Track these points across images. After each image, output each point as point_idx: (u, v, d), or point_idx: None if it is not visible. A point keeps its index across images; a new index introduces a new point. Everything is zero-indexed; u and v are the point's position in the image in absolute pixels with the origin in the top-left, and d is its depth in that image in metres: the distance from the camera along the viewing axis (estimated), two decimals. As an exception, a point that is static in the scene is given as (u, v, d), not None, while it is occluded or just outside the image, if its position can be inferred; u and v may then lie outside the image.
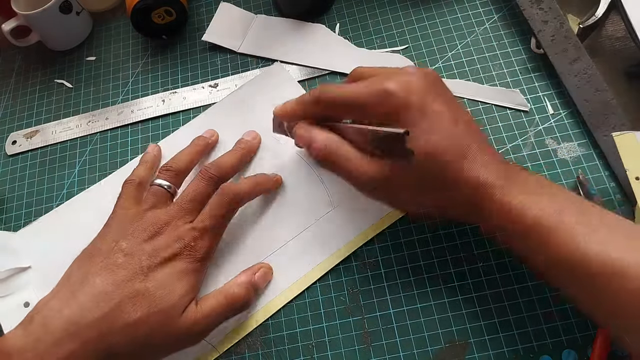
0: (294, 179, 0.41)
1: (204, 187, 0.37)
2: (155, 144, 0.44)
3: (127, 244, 0.34)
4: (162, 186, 0.38)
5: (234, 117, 0.45)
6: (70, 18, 0.51)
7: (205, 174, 0.38)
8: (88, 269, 0.34)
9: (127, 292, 0.32)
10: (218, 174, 0.38)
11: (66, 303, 0.32)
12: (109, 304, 0.32)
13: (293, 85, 0.45)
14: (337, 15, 0.49)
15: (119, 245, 0.34)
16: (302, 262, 0.38)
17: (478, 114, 0.41)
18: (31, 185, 0.47)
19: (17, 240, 0.43)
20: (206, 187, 0.37)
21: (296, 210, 0.40)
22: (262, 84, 0.46)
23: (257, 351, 0.36)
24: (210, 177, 0.37)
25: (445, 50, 0.45)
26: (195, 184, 0.37)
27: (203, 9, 0.53)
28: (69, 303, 0.32)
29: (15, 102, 0.52)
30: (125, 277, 0.33)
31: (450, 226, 0.38)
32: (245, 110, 0.45)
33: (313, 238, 0.39)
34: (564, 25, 0.41)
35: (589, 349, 0.33)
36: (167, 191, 0.38)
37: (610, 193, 0.37)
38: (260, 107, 0.45)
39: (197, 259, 0.35)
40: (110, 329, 0.31)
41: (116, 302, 0.32)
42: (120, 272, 0.33)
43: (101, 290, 0.32)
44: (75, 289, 0.33)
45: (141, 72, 0.51)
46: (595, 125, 0.38)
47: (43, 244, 0.43)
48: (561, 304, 0.34)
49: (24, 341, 0.31)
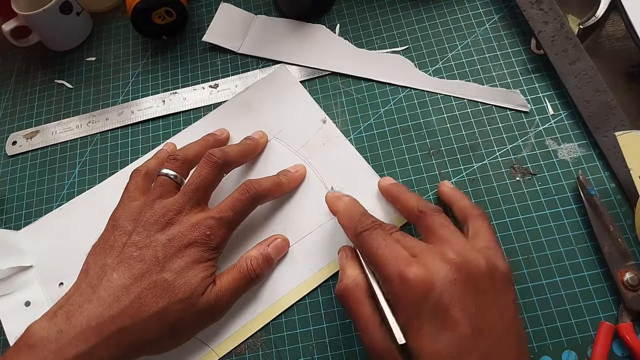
0: (299, 184, 0.41)
1: (208, 172, 0.37)
2: (170, 142, 0.45)
3: (140, 237, 0.35)
4: (168, 175, 0.37)
5: (239, 120, 0.45)
6: (70, 18, 0.51)
7: (209, 157, 0.37)
8: (105, 262, 0.34)
9: (145, 285, 0.33)
10: (223, 158, 0.37)
11: (87, 298, 0.33)
12: (129, 297, 0.32)
13: (298, 89, 0.45)
14: (338, 15, 0.49)
15: (132, 240, 0.34)
16: (304, 267, 0.38)
17: (478, 115, 0.41)
18: (31, 185, 0.47)
19: (19, 239, 0.43)
20: (210, 172, 0.37)
21: (300, 215, 0.40)
22: (267, 86, 0.46)
23: (258, 352, 0.36)
24: (215, 162, 0.37)
25: (446, 51, 0.45)
26: (200, 169, 0.37)
27: (203, 9, 0.53)
28: (90, 298, 0.33)
29: (15, 102, 0.52)
30: (141, 269, 0.33)
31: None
32: (251, 113, 0.45)
33: (315, 244, 0.38)
34: (564, 25, 0.41)
35: (589, 350, 0.33)
36: (174, 180, 0.37)
37: (611, 194, 0.37)
38: (266, 110, 0.45)
39: (211, 247, 0.35)
40: (133, 322, 0.32)
41: (135, 295, 0.32)
42: (137, 265, 0.33)
43: (120, 285, 0.33)
44: (94, 283, 0.33)
45: (141, 72, 0.51)
46: (596, 126, 0.38)
47: (46, 243, 0.43)
48: (561, 305, 0.34)
49: (47, 332, 0.31)
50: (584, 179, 0.37)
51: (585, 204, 0.36)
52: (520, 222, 0.37)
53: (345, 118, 0.44)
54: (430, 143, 0.41)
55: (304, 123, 0.43)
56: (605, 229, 0.35)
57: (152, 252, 0.34)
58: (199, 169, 0.37)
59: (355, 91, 0.45)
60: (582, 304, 0.34)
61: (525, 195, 0.38)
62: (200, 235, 0.35)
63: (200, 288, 0.34)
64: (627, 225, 0.36)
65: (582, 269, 0.35)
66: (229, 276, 0.36)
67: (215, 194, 0.38)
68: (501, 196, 0.38)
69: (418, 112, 0.42)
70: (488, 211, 0.38)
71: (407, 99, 0.43)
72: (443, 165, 0.40)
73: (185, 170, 0.39)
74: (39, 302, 0.40)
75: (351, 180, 0.40)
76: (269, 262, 0.37)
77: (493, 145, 0.40)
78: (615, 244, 0.34)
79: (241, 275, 0.36)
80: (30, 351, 0.31)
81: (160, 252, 0.34)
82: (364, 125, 0.43)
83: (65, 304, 0.33)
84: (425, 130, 0.42)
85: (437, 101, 0.43)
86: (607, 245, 0.34)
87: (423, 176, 0.40)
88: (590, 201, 0.36)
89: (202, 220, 0.35)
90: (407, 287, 0.27)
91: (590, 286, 0.34)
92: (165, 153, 0.42)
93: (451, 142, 0.41)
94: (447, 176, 0.39)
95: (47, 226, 0.44)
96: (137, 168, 0.39)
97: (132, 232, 0.35)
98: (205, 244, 0.35)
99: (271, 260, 0.37)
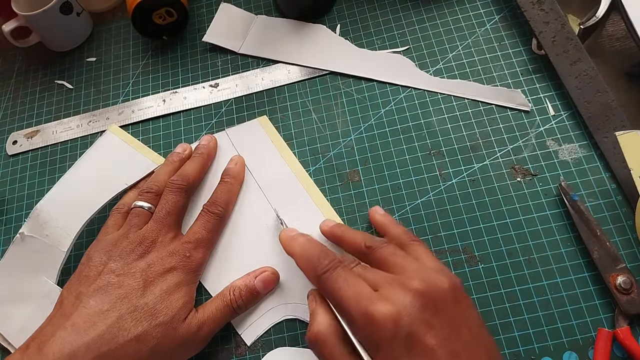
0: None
1: (175, 197, 0.38)
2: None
3: (117, 264, 0.35)
4: (143, 207, 0.38)
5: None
6: (70, 19, 0.51)
7: (172, 186, 0.39)
8: (80, 291, 0.34)
9: (125, 309, 0.32)
10: (186, 183, 0.39)
11: (60, 326, 0.32)
12: (106, 322, 0.32)
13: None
14: (338, 15, 0.49)
15: (109, 267, 0.35)
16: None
17: (479, 115, 0.41)
18: (32, 185, 0.47)
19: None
20: (177, 198, 0.38)
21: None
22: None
23: (258, 352, 0.36)
24: (178, 188, 0.39)
25: (447, 51, 0.45)
26: (166, 196, 0.38)
27: (203, 9, 0.53)
28: (64, 326, 0.32)
29: (15, 102, 0.52)
30: (121, 295, 0.33)
31: (451, 228, 0.38)
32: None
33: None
34: (565, 26, 0.41)
35: (590, 351, 0.33)
36: (148, 212, 0.38)
37: (612, 194, 0.37)
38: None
39: (192, 269, 0.36)
40: (110, 347, 0.31)
41: (114, 320, 0.32)
42: (116, 291, 0.33)
43: (97, 310, 0.32)
44: (69, 311, 0.33)
45: (141, 72, 0.51)
46: (596, 127, 0.38)
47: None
48: (562, 306, 0.34)
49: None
50: (566, 185, 0.37)
51: (570, 210, 0.36)
52: (521, 222, 0.37)
53: (346, 118, 0.44)
54: (431, 143, 0.41)
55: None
56: (593, 234, 0.35)
57: (131, 278, 0.34)
58: (166, 196, 0.38)
59: (356, 91, 0.45)
60: (583, 304, 0.34)
61: (526, 196, 0.38)
62: (180, 259, 0.35)
63: (183, 313, 0.34)
64: (627, 226, 0.36)
65: (583, 270, 0.35)
66: (212, 305, 0.35)
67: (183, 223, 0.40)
68: (502, 197, 0.38)
69: (419, 112, 0.42)
70: (489, 212, 0.38)
71: (407, 99, 0.43)
72: (444, 166, 0.40)
73: (158, 201, 0.39)
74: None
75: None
76: (254, 295, 0.36)
77: (494, 145, 0.40)
78: (603, 248, 0.34)
79: (224, 304, 0.35)
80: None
81: (140, 278, 0.34)
82: (365, 125, 0.43)
83: (38, 336, 0.32)
84: (426, 131, 0.42)
85: (437, 101, 0.43)
86: (596, 250, 0.34)
87: (424, 177, 0.40)
88: (574, 207, 0.36)
89: (179, 246, 0.36)
90: (376, 326, 0.26)
91: (592, 287, 0.34)
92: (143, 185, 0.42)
93: (452, 143, 0.41)
94: (448, 176, 0.39)
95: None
96: (117, 205, 0.40)
97: (107, 261, 0.35)
98: (186, 267, 0.35)
99: (256, 294, 0.36)
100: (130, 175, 0.43)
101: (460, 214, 0.38)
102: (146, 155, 0.44)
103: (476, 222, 0.38)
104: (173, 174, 0.40)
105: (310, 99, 0.45)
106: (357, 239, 0.33)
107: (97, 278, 0.34)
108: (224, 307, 0.35)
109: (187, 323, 0.34)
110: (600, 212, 0.36)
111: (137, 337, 0.32)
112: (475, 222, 0.38)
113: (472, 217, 0.38)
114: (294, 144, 0.43)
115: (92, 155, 0.45)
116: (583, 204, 0.36)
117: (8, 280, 0.40)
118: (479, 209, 0.38)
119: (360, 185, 0.41)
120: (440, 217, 0.38)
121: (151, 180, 0.40)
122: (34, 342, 0.32)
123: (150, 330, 0.32)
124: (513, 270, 0.36)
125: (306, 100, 0.45)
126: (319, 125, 0.44)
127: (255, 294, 0.36)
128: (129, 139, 0.45)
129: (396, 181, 0.40)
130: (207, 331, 0.34)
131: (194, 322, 0.34)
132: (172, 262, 0.35)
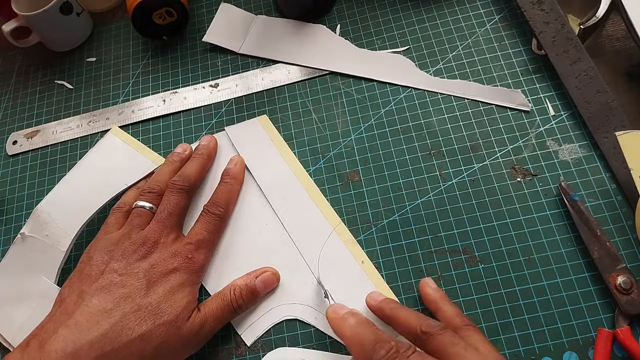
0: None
1: (177, 198, 0.38)
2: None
3: (119, 264, 0.35)
4: (144, 207, 0.38)
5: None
6: (70, 19, 0.51)
7: (174, 187, 0.39)
8: (82, 290, 0.34)
9: (128, 308, 0.32)
10: (187, 183, 0.39)
11: (62, 324, 0.32)
12: (110, 321, 0.32)
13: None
14: (338, 16, 0.49)
15: (111, 267, 0.34)
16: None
17: (479, 115, 0.41)
18: (32, 185, 0.47)
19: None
20: (179, 199, 0.38)
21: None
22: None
23: (258, 353, 0.36)
24: (180, 189, 0.39)
25: (447, 51, 0.45)
26: (168, 197, 0.38)
27: (203, 9, 0.53)
28: (66, 324, 0.32)
29: (15, 102, 0.52)
30: (124, 294, 0.33)
31: (451, 228, 0.38)
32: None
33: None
34: (565, 26, 0.41)
35: (590, 351, 0.33)
36: (150, 212, 0.38)
37: (612, 194, 0.37)
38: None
39: (194, 270, 0.36)
40: (114, 347, 0.31)
41: (117, 319, 0.32)
42: (119, 290, 0.33)
43: (100, 309, 0.32)
44: (71, 310, 0.33)
45: (142, 72, 0.51)
46: (596, 127, 0.38)
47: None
48: (562, 306, 0.34)
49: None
50: (566, 185, 0.37)
51: (570, 210, 0.36)
52: (521, 223, 0.37)
53: (346, 118, 0.44)
54: (431, 143, 0.41)
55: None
56: (593, 234, 0.35)
57: (134, 278, 0.34)
58: (167, 197, 0.38)
59: (356, 91, 0.45)
60: (583, 305, 0.34)
61: (527, 196, 0.38)
62: (182, 260, 0.35)
63: (186, 312, 0.34)
64: (627, 226, 0.36)
65: (584, 270, 0.35)
66: (213, 303, 0.35)
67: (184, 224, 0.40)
68: (502, 197, 0.38)
69: (419, 113, 0.42)
70: (489, 212, 0.38)
71: (407, 99, 0.43)
72: (444, 166, 0.40)
73: (160, 201, 0.39)
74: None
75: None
76: (254, 294, 0.36)
77: (494, 145, 0.40)
78: (603, 249, 0.34)
79: (224, 303, 0.35)
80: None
81: (143, 278, 0.34)
82: (365, 125, 0.43)
83: (39, 333, 0.32)
84: (426, 131, 0.42)
85: (438, 101, 0.43)
86: (596, 250, 0.34)
87: (424, 177, 0.40)
88: (574, 207, 0.36)
89: (182, 247, 0.36)
90: None
91: (592, 287, 0.34)
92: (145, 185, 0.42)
93: (452, 143, 0.41)
94: (448, 176, 0.39)
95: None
96: (118, 204, 0.40)
97: (109, 261, 0.35)
98: (189, 268, 0.35)
99: (256, 293, 0.36)
100: (131, 176, 0.43)
101: (460, 214, 0.38)
102: (146, 156, 0.44)
103: (476, 222, 0.38)
104: (173, 174, 0.40)
105: (310, 99, 0.45)
106: (412, 321, 0.30)
107: (100, 277, 0.34)
108: (224, 306, 0.35)
109: (191, 322, 0.34)
110: (600, 212, 0.36)
111: (141, 336, 0.32)
112: (476, 222, 0.38)
113: (472, 217, 0.38)
114: (294, 144, 0.43)
115: (93, 156, 0.45)
116: (583, 204, 0.36)
117: (9, 280, 0.40)
118: (479, 209, 0.38)
119: (360, 185, 0.41)
120: (440, 217, 0.38)
121: (152, 180, 0.40)
122: (35, 339, 0.32)
123: (155, 329, 0.32)
124: (513, 270, 0.36)
125: (306, 100, 0.45)
126: (319, 125, 0.44)
127: (255, 294, 0.36)
128: (130, 140, 0.46)
129: (396, 181, 0.40)
130: (208, 329, 0.35)
131: (197, 321, 0.34)
132: (174, 263, 0.35)
